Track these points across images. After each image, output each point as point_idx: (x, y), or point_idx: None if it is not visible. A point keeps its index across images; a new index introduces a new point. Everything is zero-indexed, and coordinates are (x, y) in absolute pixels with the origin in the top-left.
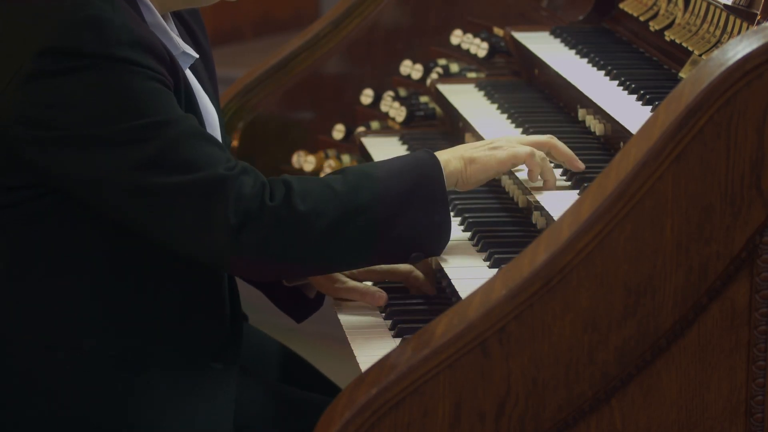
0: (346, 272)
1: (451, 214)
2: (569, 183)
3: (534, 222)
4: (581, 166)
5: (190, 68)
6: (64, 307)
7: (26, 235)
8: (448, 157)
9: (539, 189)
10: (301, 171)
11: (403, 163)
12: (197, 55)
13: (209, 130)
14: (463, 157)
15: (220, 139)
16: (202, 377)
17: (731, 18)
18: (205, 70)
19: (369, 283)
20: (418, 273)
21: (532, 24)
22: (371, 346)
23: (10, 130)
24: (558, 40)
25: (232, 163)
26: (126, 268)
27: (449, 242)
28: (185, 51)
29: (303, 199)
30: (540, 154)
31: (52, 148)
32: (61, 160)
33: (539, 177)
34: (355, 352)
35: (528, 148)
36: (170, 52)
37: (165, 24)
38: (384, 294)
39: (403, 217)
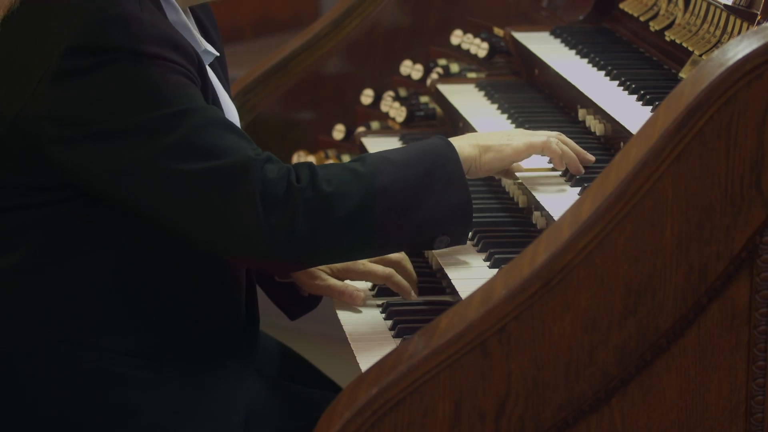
0: (327, 270)
1: None
2: (569, 183)
3: (534, 222)
4: (591, 158)
5: (209, 66)
6: (84, 306)
7: (50, 235)
8: (462, 144)
9: (540, 186)
10: None
11: (419, 148)
12: (218, 53)
13: None
14: (478, 145)
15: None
16: (216, 377)
17: (731, 18)
18: (219, 67)
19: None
20: (398, 278)
21: (532, 24)
22: (371, 346)
23: (41, 129)
24: (558, 40)
25: (257, 150)
26: (148, 269)
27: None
28: (206, 49)
29: (328, 182)
30: (555, 139)
31: (81, 144)
32: (90, 156)
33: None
34: (355, 352)
35: (544, 136)
36: (197, 50)
37: (188, 22)
38: (361, 294)
39: (423, 199)
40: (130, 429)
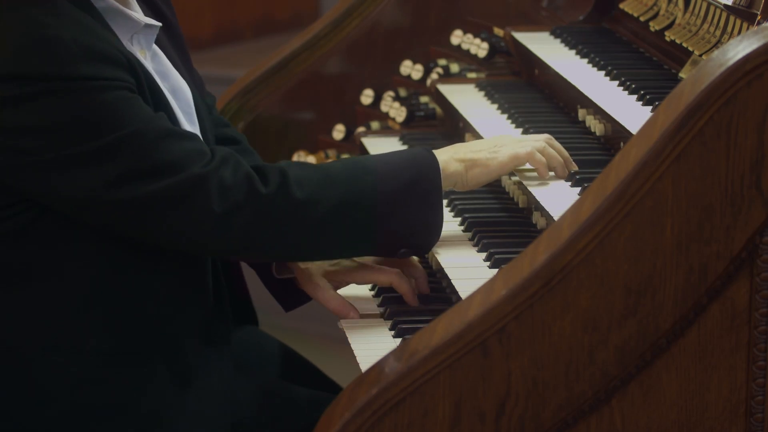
0: (331, 273)
1: (451, 214)
2: (569, 183)
3: (534, 222)
4: (574, 167)
5: (155, 42)
6: (60, 311)
7: (14, 248)
8: (448, 158)
9: (540, 186)
10: None
11: (402, 159)
12: (160, 24)
13: (182, 105)
14: (464, 160)
15: (194, 112)
16: (195, 368)
17: (731, 18)
18: (170, 40)
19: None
20: (402, 282)
21: (532, 24)
22: (371, 346)
23: None
24: (558, 40)
25: (207, 157)
26: (117, 266)
27: (449, 242)
28: (147, 23)
29: (300, 187)
30: (539, 147)
31: (27, 172)
32: (38, 183)
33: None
34: (355, 352)
35: (528, 146)
36: (124, 52)
37: (117, 4)
38: (355, 310)
39: (398, 212)
40: (119, 426)
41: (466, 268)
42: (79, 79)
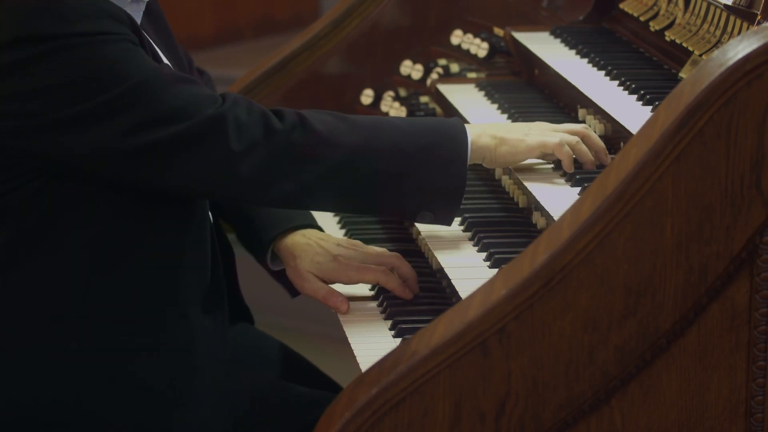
0: (317, 273)
1: None
2: (569, 183)
3: (534, 222)
4: (609, 160)
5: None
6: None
7: (20, 222)
8: (480, 132)
9: (540, 186)
10: None
11: (427, 124)
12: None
13: None
14: (496, 136)
15: None
16: (201, 332)
17: (731, 18)
18: (151, 23)
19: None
20: (391, 279)
21: (532, 24)
22: (371, 346)
23: None
24: (558, 40)
25: (219, 100)
26: (120, 232)
27: (449, 242)
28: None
29: (321, 123)
30: (570, 141)
31: (44, 134)
32: (57, 143)
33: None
34: (355, 352)
35: (558, 138)
36: (125, 11)
37: None
38: (347, 304)
39: (415, 171)
40: (136, 398)
41: (466, 268)
42: (86, 35)
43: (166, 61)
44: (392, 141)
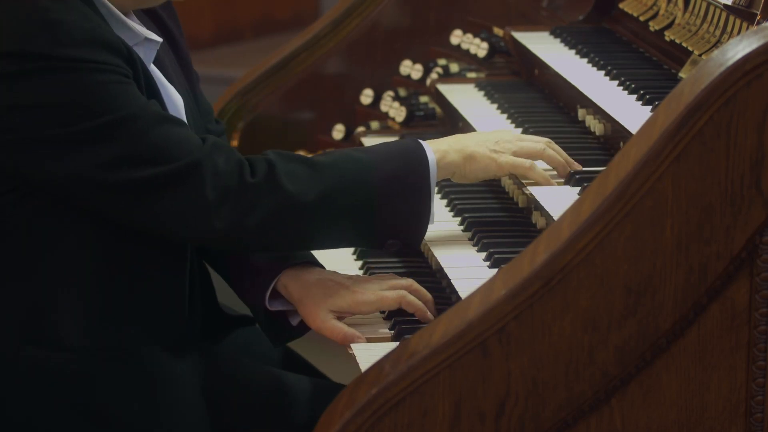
0: (335, 309)
1: (451, 214)
2: (569, 183)
3: (534, 222)
4: (577, 166)
5: (156, 62)
6: (43, 305)
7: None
8: (447, 149)
9: (540, 186)
10: None
11: (391, 150)
12: (161, 39)
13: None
14: (464, 152)
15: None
16: (173, 367)
17: (731, 18)
18: (173, 55)
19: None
20: (411, 298)
21: (532, 24)
22: (371, 347)
23: None
24: (558, 40)
25: (200, 144)
26: (102, 262)
27: (449, 242)
28: (148, 37)
29: (289, 178)
30: (539, 149)
31: (21, 150)
32: (32, 162)
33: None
34: (355, 352)
35: (528, 163)
36: (125, 43)
37: (120, 15)
38: (360, 335)
39: (383, 203)
40: (99, 427)
41: (466, 268)
42: (78, 60)
43: (174, 92)
44: (361, 178)
